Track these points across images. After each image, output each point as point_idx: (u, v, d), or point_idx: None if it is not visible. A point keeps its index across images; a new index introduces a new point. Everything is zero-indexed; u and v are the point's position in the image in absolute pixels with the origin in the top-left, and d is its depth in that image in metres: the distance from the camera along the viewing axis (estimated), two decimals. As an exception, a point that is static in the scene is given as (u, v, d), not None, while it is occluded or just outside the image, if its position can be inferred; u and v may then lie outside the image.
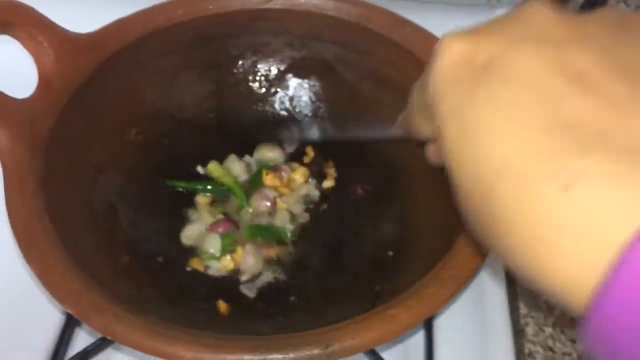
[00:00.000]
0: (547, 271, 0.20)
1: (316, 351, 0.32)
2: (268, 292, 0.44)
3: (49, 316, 0.44)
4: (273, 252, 0.46)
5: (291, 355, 0.31)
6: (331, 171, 0.51)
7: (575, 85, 0.20)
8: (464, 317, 0.46)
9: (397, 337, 0.33)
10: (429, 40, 0.46)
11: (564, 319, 0.48)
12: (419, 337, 0.44)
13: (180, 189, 0.49)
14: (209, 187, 0.49)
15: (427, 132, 0.30)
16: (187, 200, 0.49)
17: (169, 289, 0.43)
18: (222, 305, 0.43)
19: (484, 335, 0.46)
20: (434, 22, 0.48)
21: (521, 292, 0.50)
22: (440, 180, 0.44)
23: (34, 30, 0.42)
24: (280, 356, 0.31)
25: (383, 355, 0.40)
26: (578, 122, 0.19)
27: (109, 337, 0.33)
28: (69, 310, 0.33)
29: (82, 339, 0.43)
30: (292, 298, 0.44)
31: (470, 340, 0.45)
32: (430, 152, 0.33)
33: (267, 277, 0.45)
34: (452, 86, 0.23)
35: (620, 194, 0.18)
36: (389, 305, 0.33)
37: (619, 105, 0.19)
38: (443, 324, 0.46)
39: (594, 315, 0.19)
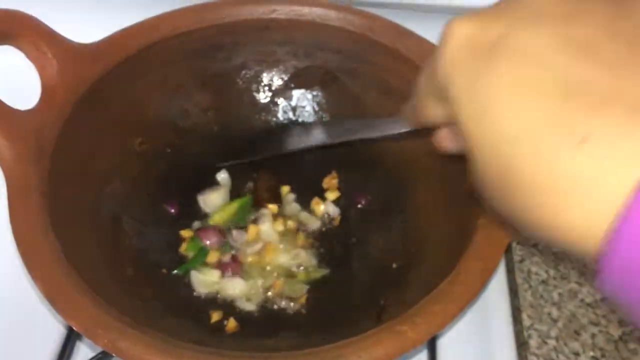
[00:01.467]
0: (566, 222, 0.21)
1: (324, 369, 0.31)
2: (273, 307, 0.44)
3: (51, 329, 0.44)
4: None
5: (299, 373, 0.31)
6: (334, 182, 0.50)
7: (579, 54, 0.21)
8: (467, 330, 0.46)
9: (404, 353, 0.33)
10: (432, 51, 0.46)
11: (567, 331, 0.48)
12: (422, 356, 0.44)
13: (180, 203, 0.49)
14: None
15: (437, 117, 0.30)
16: (193, 210, 0.48)
17: (174, 301, 0.43)
18: (232, 323, 0.42)
19: (488, 347, 0.46)
20: (437, 33, 0.48)
21: (524, 304, 0.50)
22: (445, 191, 0.45)
23: (37, 40, 0.42)
24: (288, 374, 0.31)
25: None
26: (586, 86, 0.21)
27: (114, 355, 0.32)
28: (74, 327, 0.33)
29: (83, 352, 0.43)
30: (298, 312, 0.44)
31: (474, 354, 0.45)
32: (440, 138, 0.33)
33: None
34: (462, 66, 0.24)
35: (631, 144, 0.19)
36: (397, 321, 0.33)
37: (622, 67, 0.21)
38: (446, 336, 0.46)
39: (608, 259, 0.20)
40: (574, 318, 0.49)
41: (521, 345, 0.47)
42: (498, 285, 0.50)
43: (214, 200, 0.48)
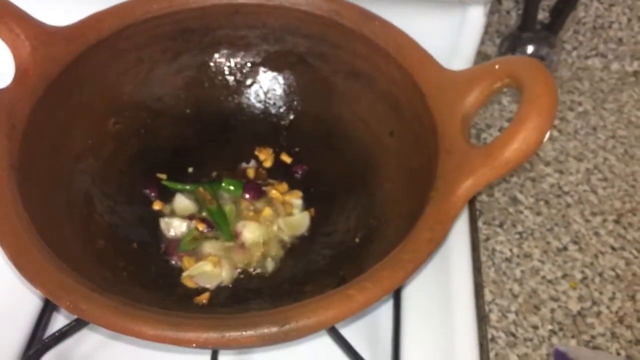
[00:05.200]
0: None
1: (274, 329, 0.33)
2: (241, 281, 0.46)
3: (28, 301, 0.46)
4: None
5: (249, 332, 0.33)
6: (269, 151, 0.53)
7: None
8: (431, 305, 0.48)
9: (353, 315, 0.34)
10: (397, 35, 0.48)
11: (527, 306, 0.50)
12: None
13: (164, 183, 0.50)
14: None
15: None
16: (165, 190, 0.50)
17: (143, 275, 0.44)
18: (203, 295, 0.44)
19: (450, 322, 0.47)
20: (404, 18, 0.50)
21: (487, 281, 0.51)
22: (406, 167, 0.46)
23: (11, 22, 0.43)
24: (238, 333, 0.33)
25: (352, 327, 0.41)
26: None
27: (76, 315, 0.34)
28: (39, 289, 0.35)
29: (60, 323, 0.45)
30: (263, 287, 0.45)
31: (435, 327, 0.46)
32: None
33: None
34: None
35: None
36: (347, 286, 0.35)
37: None
38: (410, 312, 0.47)
39: None
40: (534, 294, 0.51)
41: (482, 319, 0.49)
42: (462, 262, 0.51)
43: (176, 228, 0.49)
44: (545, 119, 0.35)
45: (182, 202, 0.49)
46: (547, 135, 0.36)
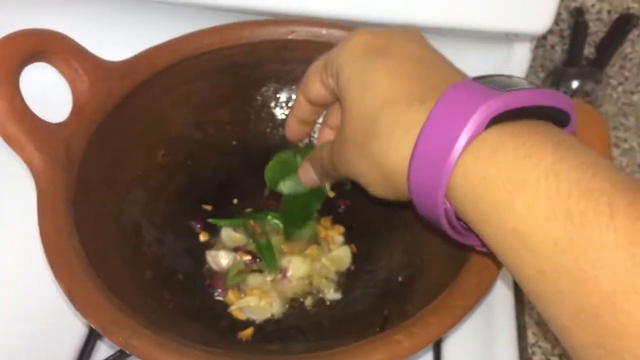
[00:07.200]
0: (390, 159, 0.33)
1: (321, 373, 0.33)
2: (284, 317, 0.46)
3: (74, 329, 0.47)
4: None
5: (295, 376, 0.33)
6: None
7: (419, 63, 0.36)
8: (473, 347, 0.47)
9: (399, 361, 0.34)
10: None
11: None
12: None
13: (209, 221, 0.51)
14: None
15: (318, 93, 0.43)
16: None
17: (188, 307, 0.45)
18: (247, 330, 0.44)
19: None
20: (451, 53, 0.50)
21: (530, 321, 0.51)
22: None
23: (70, 58, 0.45)
24: (284, 376, 0.33)
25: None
26: (426, 78, 0.34)
27: (127, 352, 0.35)
28: (92, 324, 0.35)
29: (103, 352, 0.46)
30: (307, 324, 0.45)
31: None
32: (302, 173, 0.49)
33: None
34: (356, 57, 0.37)
35: (413, 118, 0.32)
36: (393, 330, 0.35)
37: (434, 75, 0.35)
38: (452, 352, 0.47)
39: (410, 184, 0.32)
40: (579, 337, 0.50)
41: (525, 361, 0.48)
42: (505, 303, 0.51)
43: (222, 260, 0.49)
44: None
45: (230, 234, 0.50)
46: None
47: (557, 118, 0.31)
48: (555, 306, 0.27)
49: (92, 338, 0.46)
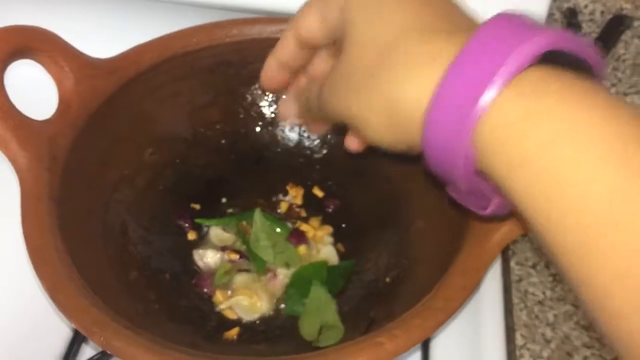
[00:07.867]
0: (403, 93, 0.29)
1: (302, 375, 0.33)
2: (271, 318, 0.46)
3: (59, 331, 0.47)
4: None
5: (276, 378, 0.33)
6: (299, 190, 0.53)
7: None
8: (461, 348, 0.47)
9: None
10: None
11: (560, 352, 0.49)
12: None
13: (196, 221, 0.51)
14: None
15: (314, 30, 0.38)
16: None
17: (174, 308, 0.45)
18: (232, 331, 0.44)
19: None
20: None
21: (518, 323, 0.50)
22: (440, 208, 0.46)
23: (56, 55, 0.44)
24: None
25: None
26: (448, 11, 0.32)
27: (109, 352, 0.34)
28: (74, 325, 0.35)
29: (88, 354, 0.46)
30: (293, 324, 0.45)
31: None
32: (348, 141, 0.42)
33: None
34: None
35: (440, 47, 0.29)
36: (376, 333, 0.35)
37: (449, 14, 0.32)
38: (440, 353, 0.47)
39: (428, 121, 0.28)
40: (567, 340, 0.50)
41: (512, 363, 0.48)
42: (494, 304, 0.50)
43: (209, 259, 0.49)
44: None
45: (218, 234, 0.49)
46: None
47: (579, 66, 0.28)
48: (598, 261, 0.24)
49: (77, 340, 0.46)
